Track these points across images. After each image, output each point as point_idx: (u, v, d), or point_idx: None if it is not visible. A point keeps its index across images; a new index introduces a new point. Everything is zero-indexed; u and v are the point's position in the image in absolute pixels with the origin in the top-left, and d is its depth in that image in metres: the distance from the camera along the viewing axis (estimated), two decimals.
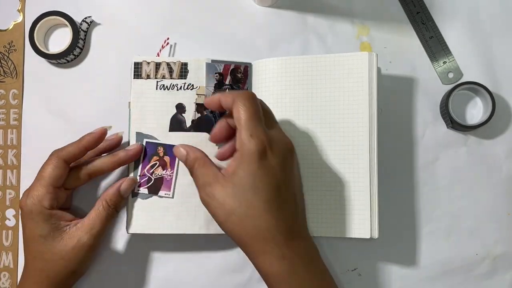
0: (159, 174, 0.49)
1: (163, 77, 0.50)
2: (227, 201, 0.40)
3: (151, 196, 0.49)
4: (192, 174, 0.45)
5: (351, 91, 0.48)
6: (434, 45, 0.54)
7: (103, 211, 0.47)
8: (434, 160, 0.53)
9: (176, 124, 0.50)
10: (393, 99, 0.53)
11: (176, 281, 0.52)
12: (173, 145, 0.48)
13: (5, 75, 0.54)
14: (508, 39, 0.54)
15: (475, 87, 0.52)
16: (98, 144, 0.48)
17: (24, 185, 0.53)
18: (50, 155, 0.47)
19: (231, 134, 0.45)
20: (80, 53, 0.54)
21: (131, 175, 0.49)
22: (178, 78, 0.50)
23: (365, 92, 0.48)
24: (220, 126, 0.46)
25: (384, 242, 0.52)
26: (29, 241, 0.46)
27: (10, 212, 0.53)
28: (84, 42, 0.54)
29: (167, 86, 0.50)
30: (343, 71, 0.48)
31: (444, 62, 0.54)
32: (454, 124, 0.51)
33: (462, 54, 0.54)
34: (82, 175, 0.47)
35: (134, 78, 0.50)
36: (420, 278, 0.52)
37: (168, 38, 0.54)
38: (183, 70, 0.50)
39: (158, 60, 0.50)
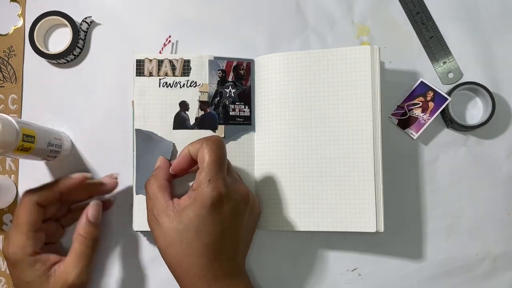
0: None
1: (166, 74, 0.50)
2: (170, 234, 0.41)
3: None
4: (147, 184, 0.45)
5: (354, 85, 0.48)
6: (434, 45, 0.54)
7: (81, 246, 0.46)
8: (434, 160, 0.53)
9: (180, 122, 0.50)
10: (393, 99, 0.53)
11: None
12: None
13: (5, 80, 0.54)
14: (508, 39, 0.54)
15: (475, 87, 0.52)
16: (75, 190, 0.47)
17: (22, 190, 0.53)
18: (23, 197, 0.45)
19: (191, 165, 0.45)
20: (80, 53, 0.54)
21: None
22: (181, 76, 0.50)
23: (368, 86, 0.48)
24: (181, 155, 0.45)
25: (384, 242, 0.52)
26: (17, 287, 0.45)
27: (7, 217, 0.53)
28: (84, 42, 0.54)
29: (169, 84, 0.50)
30: (345, 65, 0.48)
31: (444, 62, 0.54)
32: (454, 124, 0.51)
33: (462, 54, 0.54)
34: (56, 205, 0.48)
35: (136, 75, 0.50)
36: (420, 278, 0.52)
37: (170, 36, 0.54)
38: (186, 67, 0.50)
39: (160, 57, 0.50)
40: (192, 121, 0.50)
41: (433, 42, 0.54)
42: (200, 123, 0.50)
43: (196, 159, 0.43)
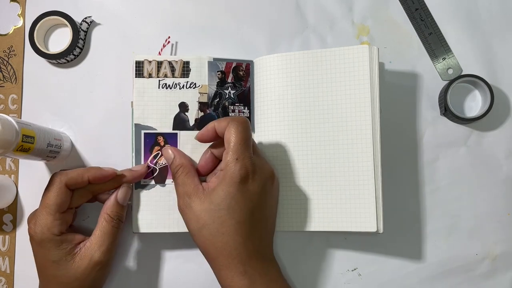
0: (163, 163, 0.49)
1: (165, 75, 0.50)
2: (202, 215, 0.43)
3: (155, 186, 0.49)
4: (174, 179, 0.46)
5: (353, 85, 0.48)
6: (433, 41, 0.54)
7: (107, 225, 0.47)
8: (434, 160, 0.53)
9: (180, 123, 0.50)
10: (393, 98, 0.53)
11: (176, 281, 0.52)
12: (172, 133, 0.49)
13: (5, 80, 0.54)
14: (508, 34, 0.54)
15: (474, 80, 0.52)
16: (102, 182, 0.47)
17: (22, 190, 0.53)
18: (52, 179, 0.46)
19: (215, 164, 0.48)
20: (80, 53, 0.54)
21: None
22: (180, 77, 0.50)
23: (366, 86, 0.48)
24: (205, 157, 0.47)
25: (384, 242, 0.52)
26: (42, 267, 0.46)
27: (7, 217, 0.53)
28: (84, 42, 0.54)
29: (169, 85, 0.50)
30: (344, 65, 0.48)
31: (444, 59, 0.54)
32: (448, 112, 0.51)
33: (461, 50, 0.54)
34: (85, 194, 0.47)
35: (136, 77, 0.50)
36: (420, 278, 0.52)
37: (169, 37, 0.54)
38: (185, 69, 0.50)
39: (159, 58, 0.50)
40: (191, 122, 0.50)
41: (432, 39, 0.54)
42: (200, 124, 0.50)
43: (219, 135, 0.45)
